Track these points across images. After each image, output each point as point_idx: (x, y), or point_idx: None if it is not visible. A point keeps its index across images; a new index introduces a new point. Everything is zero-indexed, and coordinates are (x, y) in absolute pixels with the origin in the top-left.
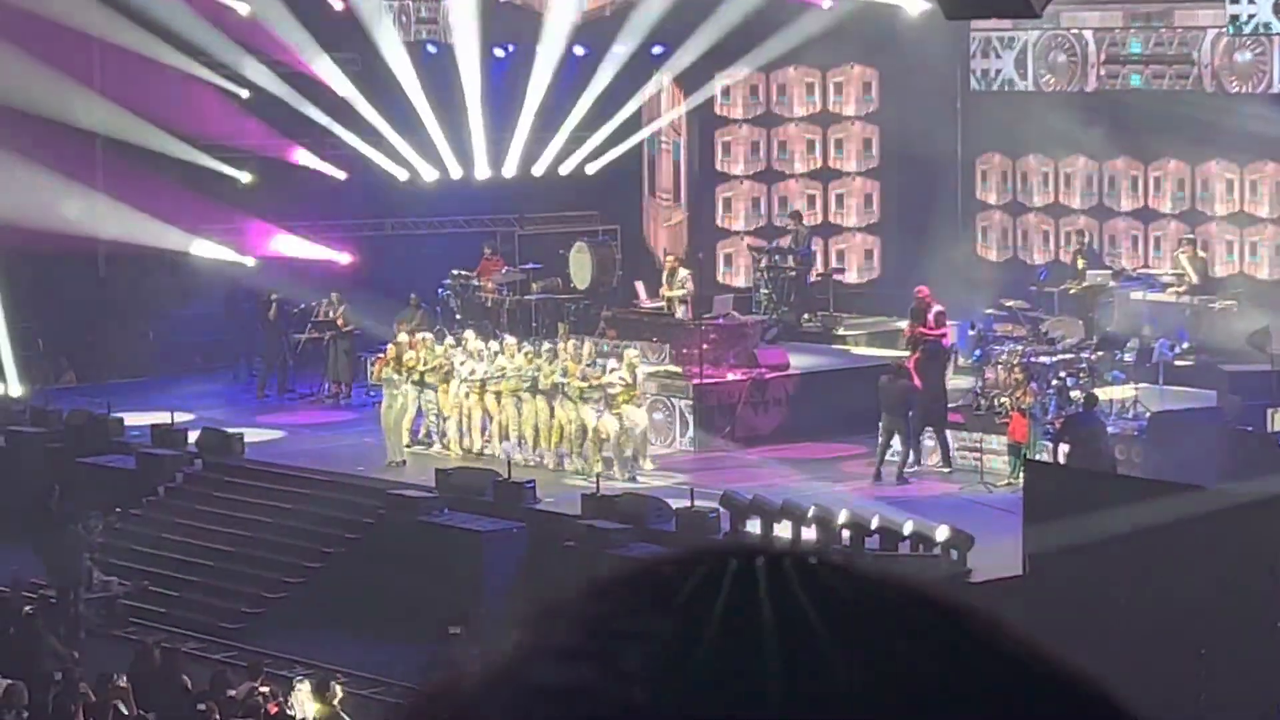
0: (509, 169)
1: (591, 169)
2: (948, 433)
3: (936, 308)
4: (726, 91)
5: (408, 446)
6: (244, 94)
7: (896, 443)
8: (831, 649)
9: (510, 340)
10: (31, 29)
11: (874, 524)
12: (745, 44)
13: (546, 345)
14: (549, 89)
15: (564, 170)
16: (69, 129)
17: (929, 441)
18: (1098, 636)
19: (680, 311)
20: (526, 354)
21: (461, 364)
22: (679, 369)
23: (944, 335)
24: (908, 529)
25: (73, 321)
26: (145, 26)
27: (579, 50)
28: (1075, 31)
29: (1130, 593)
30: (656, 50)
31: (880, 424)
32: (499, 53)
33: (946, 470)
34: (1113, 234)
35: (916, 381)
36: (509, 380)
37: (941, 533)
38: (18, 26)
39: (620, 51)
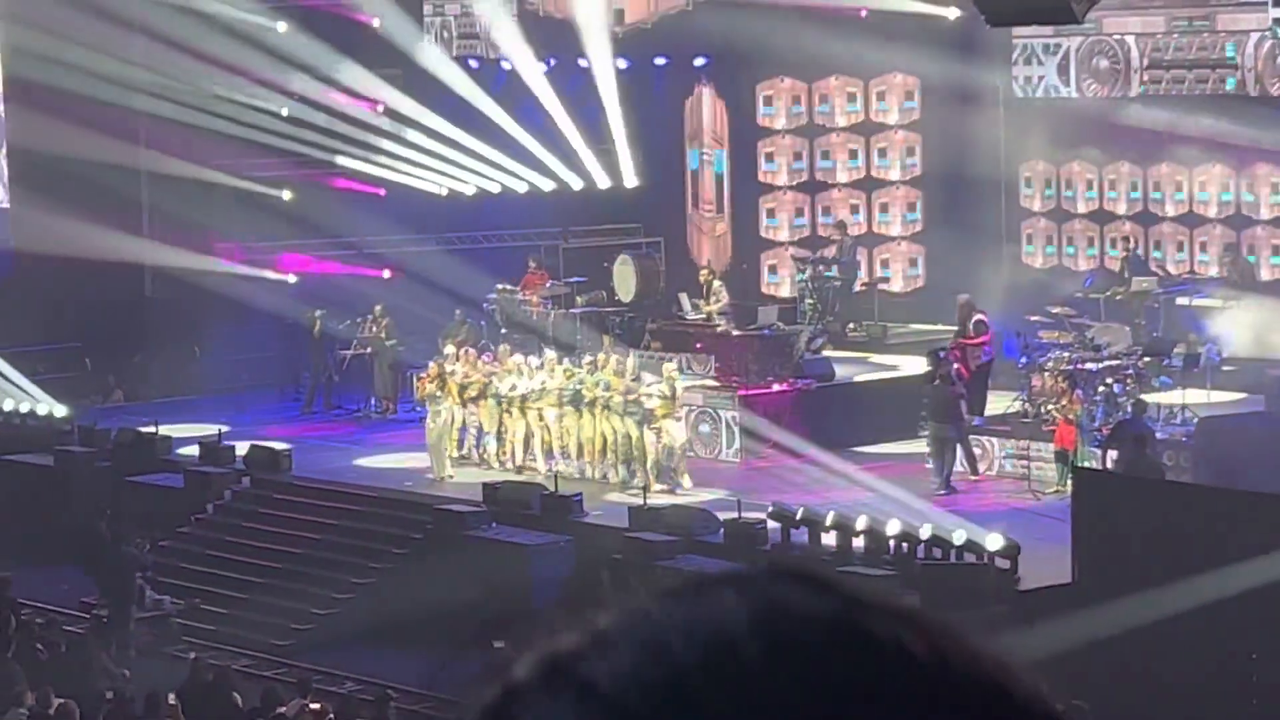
0: (549, 183)
1: (633, 182)
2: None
3: (977, 316)
4: (768, 101)
5: (454, 459)
6: (284, 111)
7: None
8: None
9: (551, 355)
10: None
11: (924, 534)
12: (786, 54)
13: (587, 358)
14: (590, 102)
15: (606, 183)
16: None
17: (976, 450)
18: (1147, 641)
19: (721, 324)
20: (566, 370)
21: (500, 380)
22: (720, 382)
23: (984, 343)
24: (959, 538)
25: (120, 340)
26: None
27: (621, 63)
28: (1117, 37)
29: (1179, 598)
30: (699, 62)
31: (927, 432)
32: (540, 66)
33: (974, 477)
34: (1158, 239)
35: (961, 388)
36: (549, 395)
37: (993, 541)
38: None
39: (662, 63)
